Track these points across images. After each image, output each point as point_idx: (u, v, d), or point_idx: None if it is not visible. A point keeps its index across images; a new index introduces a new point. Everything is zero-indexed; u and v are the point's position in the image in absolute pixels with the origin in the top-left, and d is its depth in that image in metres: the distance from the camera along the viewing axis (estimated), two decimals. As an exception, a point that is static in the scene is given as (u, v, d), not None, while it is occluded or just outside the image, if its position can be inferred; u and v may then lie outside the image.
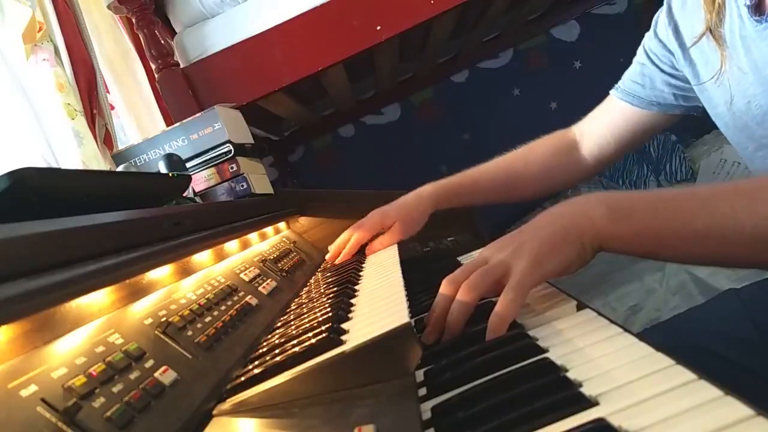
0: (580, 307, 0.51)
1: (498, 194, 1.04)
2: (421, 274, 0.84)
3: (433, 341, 0.52)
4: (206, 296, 0.62)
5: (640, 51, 0.90)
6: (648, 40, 0.88)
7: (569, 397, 0.35)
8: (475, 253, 0.91)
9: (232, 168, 1.17)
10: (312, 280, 0.93)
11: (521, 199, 1.06)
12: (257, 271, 0.80)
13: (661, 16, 0.84)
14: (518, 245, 0.53)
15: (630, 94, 0.91)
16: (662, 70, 0.86)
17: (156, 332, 0.50)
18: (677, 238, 0.50)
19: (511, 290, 0.49)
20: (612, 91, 0.95)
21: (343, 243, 0.99)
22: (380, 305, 0.57)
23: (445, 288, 0.54)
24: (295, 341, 0.53)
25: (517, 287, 0.49)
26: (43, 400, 0.35)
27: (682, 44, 0.81)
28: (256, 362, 0.53)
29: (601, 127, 0.97)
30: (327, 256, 1.03)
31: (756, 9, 0.69)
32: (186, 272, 0.64)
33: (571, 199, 0.56)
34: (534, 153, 1.04)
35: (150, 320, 0.51)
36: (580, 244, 0.52)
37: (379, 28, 1.41)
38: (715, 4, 0.73)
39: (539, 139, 1.05)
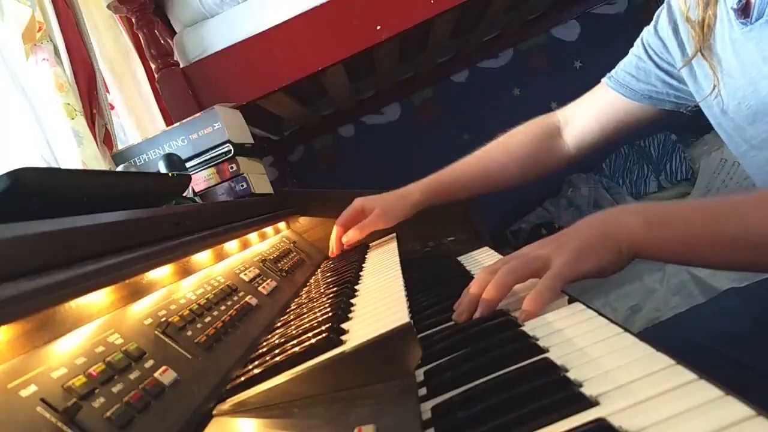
0: (581, 307, 0.51)
1: (479, 187, 1.05)
2: (421, 274, 0.84)
3: (465, 320, 0.54)
4: (206, 296, 0.62)
5: (638, 43, 0.90)
6: (648, 34, 0.87)
7: (569, 397, 0.35)
8: (475, 253, 0.91)
9: (231, 168, 1.17)
10: (312, 280, 0.93)
11: (504, 188, 1.07)
12: (257, 271, 0.80)
13: (662, 13, 0.84)
14: (560, 244, 0.56)
15: (623, 85, 0.91)
16: (659, 67, 0.86)
17: (156, 332, 0.50)
18: (708, 246, 0.53)
19: (549, 278, 0.52)
20: (605, 80, 0.95)
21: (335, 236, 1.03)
22: (380, 305, 0.57)
23: (482, 273, 0.57)
24: (295, 341, 0.53)
25: (555, 277, 0.52)
26: (43, 400, 0.35)
27: (681, 45, 0.81)
28: (256, 362, 0.53)
29: (588, 115, 0.97)
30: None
31: (742, 12, 0.70)
32: (186, 272, 0.64)
33: (610, 209, 0.59)
34: (514, 142, 1.04)
35: (150, 320, 0.51)
36: (617, 250, 0.54)
37: (379, 28, 1.41)
38: (705, 22, 0.74)
39: (519, 126, 1.05)
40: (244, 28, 1.43)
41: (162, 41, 1.44)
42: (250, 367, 0.52)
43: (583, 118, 0.98)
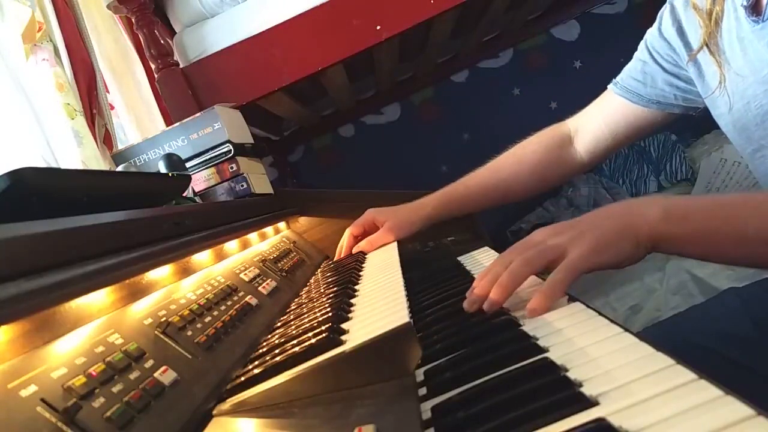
0: (581, 306, 0.51)
1: (493, 199, 1.05)
2: (421, 274, 0.84)
3: (474, 310, 0.53)
4: (206, 296, 0.62)
5: (641, 47, 0.89)
6: (651, 37, 0.86)
7: (569, 396, 0.35)
8: (475, 253, 0.91)
9: (231, 168, 1.17)
10: (312, 280, 0.93)
11: (517, 200, 1.07)
12: (257, 271, 0.80)
13: (665, 14, 0.84)
14: (578, 233, 0.55)
15: (629, 90, 0.90)
16: (665, 69, 0.85)
17: (156, 332, 0.50)
18: (728, 242, 0.53)
19: (562, 271, 0.52)
20: (610, 86, 0.94)
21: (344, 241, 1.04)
22: (380, 305, 0.57)
23: (497, 262, 0.56)
24: (295, 341, 0.53)
25: (568, 269, 0.52)
26: (43, 400, 0.35)
27: (687, 44, 0.80)
28: (256, 362, 0.53)
29: (597, 122, 0.97)
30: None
31: (753, 9, 0.69)
32: (186, 272, 0.64)
33: (630, 200, 0.58)
34: (526, 153, 1.04)
35: (150, 320, 0.51)
36: (635, 242, 0.54)
37: (379, 28, 1.40)
38: (712, 15, 0.73)
39: (531, 137, 1.05)
40: (244, 28, 1.43)
41: (162, 41, 1.44)
42: (250, 367, 0.52)
43: (594, 125, 0.98)
